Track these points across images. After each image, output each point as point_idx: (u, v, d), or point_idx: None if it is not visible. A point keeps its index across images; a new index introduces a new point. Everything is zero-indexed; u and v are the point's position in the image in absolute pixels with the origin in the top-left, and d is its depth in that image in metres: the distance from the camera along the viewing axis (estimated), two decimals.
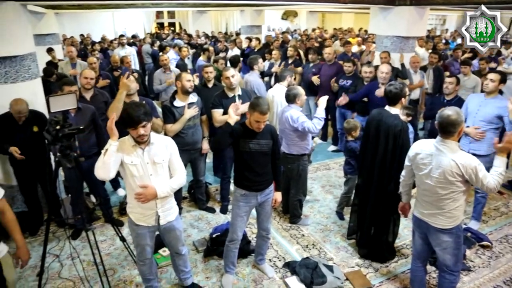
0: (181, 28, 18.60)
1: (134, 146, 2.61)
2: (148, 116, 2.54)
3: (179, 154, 2.81)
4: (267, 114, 2.89)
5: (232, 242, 3.28)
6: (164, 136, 2.82)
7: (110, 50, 9.78)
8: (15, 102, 3.74)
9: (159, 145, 2.68)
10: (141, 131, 2.51)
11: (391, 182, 3.34)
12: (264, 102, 2.92)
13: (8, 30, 3.84)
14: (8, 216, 2.51)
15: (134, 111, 2.47)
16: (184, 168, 2.83)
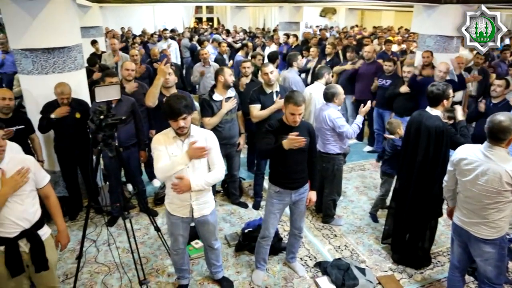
0: (219, 23, 18.75)
1: (174, 137, 2.66)
2: (189, 109, 2.58)
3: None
4: (301, 106, 2.84)
5: (264, 238, 3.27)
6: (205, 129, 2.84)
7: (150, 44, 9.99)
8: (58, 85, 3.90)
9: (199, 138, 2.70)
10: (181, 123, 2.55)
11: (433, 186, 3.22)
12: (299, 94, 2.89)
13: (57, 22, 3.99)
14: (52, 200, 2.62)
15: (176, 103, 2.51)
16: (223, 163, 2.83)
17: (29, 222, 2.39)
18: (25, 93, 4.33)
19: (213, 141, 2.78)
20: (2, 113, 3.70)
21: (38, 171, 2.48)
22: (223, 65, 6.92)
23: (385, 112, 5.95)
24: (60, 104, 3.95)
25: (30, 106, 4.30)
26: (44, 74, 4.11)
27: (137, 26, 15.33)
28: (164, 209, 4.47)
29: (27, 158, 2.47)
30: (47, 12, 3.89)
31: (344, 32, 13.67)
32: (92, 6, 9.27)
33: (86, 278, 3.44)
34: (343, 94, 3.91)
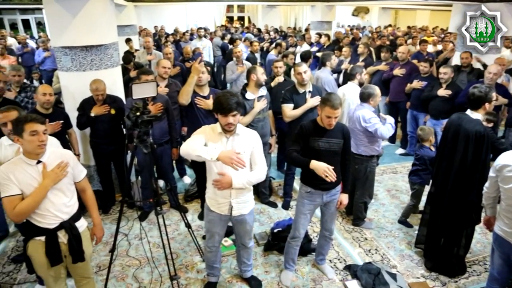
0: (250, 22, 18.80)
1: (220, 133, 2.67)
2: (239, 107, 2.59)
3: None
4: (338, 109, 2.81)
5: (294, 239, 3.25)
6: (251, 129, 2.84)
7: (183, 42, 10.13)
8: (93, 81, 4.01)
9: (243, 137, 2.72)
10: (230, 119, 2.57)
11: (471, 192, 3.10)
12: (336, 97, 2.85)
13: (96, 21, 4.10)
14: (88, 194, 2.70)
15: (228, 99, 2.54)
16: (265, 164, 2.82)
17: (67, 214, 2.46)
18: (64, 89, 4.48)
19: (257, 141, 2.78)
20: (43, 108, 3.83)
21: (76, 165, 2.55)
22: (255, 64, 6.94)
23: (419, 114, 5.78)
24: (96, 100, 4.06)
25: (68, 102, 4.44)
26: (81, 71, 4.23)
27: (170, 24, 15.58)
28: (193, 206, 4.59)
29: (66, 152, 2.55)
30: (86, 11, 4.01)
31: (377, 32, 13.39)
32: (128, 5, 9.51)
33: (118, 271, 3.52)
34: (379, 96, 3.84)
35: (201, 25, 14.29)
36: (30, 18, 17.56)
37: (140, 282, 3.39)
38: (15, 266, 3.66)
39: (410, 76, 5.93)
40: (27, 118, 2.26)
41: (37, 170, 2.32)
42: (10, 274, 3.54)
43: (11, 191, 2.27)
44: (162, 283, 3.34)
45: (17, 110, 2.89)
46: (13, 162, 2.35)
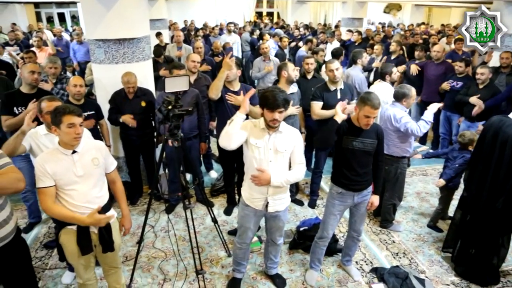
0: (279, 17, 18.68)
1: (262, 129, 2.66)
2: (287, 104, 2.57)
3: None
4: (378, 110, 2.76)
5: (321, 239, 3.20)
6: (293, 127, 2.82)
7: (212, 37, 10.16)
8: (124, 74, 4.06)
9: (286, 135, 2.69)
10: (276, 115, 2.55)
11: (509, 199, 2.96)
12: (376, 96, 2.79)
13: (130, 14, 4.15)
14: (118, 185, 2.74)
15: (277, 94, 2.52)
16: (305, 164, 2.79)
17: (98, 205, 2.50)
18: (96, 82, 4.56)
19: (299, 140, 2.76)
20: (74, 100, 3.90)
21: (107, 157, 2.58)
22: (283, 60, 6.88)
23: (453, 115, 5.59)
24: (127, 93, 4.11)
25: (100, 93, 4.53)
26: (114, 64, 4.29)
27: (199, 19, 15.68)
28: (219, 200, 4.60)
29: (99, 143, 2.59)
30: (120, 4, 4.06)
31: (409, 30, 13.03)
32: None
33: (144, 262, 3.57)
34: (414, 98, 3.72)
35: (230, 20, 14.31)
36: (65, 12, 18.09)
37: (165, 274, 3.43)
38: (47, 251, 3.77)
39: (445, 75, 5.73)
40: (66, 110, 2.30)
41: (72, 160, 2.37)
42: (42, 259, 3.65)
43: (45, 183, 2.33)
44: (187, 277, 3.37)
45: (60, 101, 2.94)
46: (49, 152, 2.40)
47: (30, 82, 3.75)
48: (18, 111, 3.68)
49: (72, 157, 2.37)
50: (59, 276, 3.42)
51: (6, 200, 2.34)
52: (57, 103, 2.83)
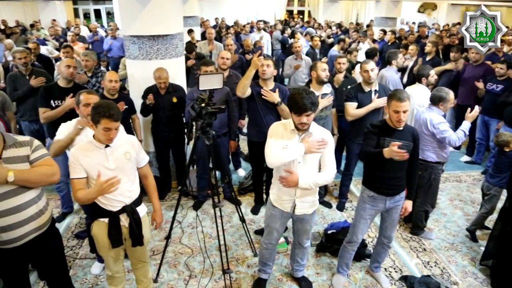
0: (310, 16, 18.51)
1: (292, 130, 2.62)
2: (314, 106, 2.51)
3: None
4: (405, 102, 2.66)
5: (350, 243, 3.13)
6: (323, 128, 2.77)
7: (243, 34, 10.17)
8: (156, 69, 4.10)
9: (316, 136, 2.64)
10: (304, 119, 2.50)
11: None
12: (402, 91, 2.72)
13: (164, 11, 4.17)
14: (149, 180, 2.76)
15: (302, 98, 2.45)
16: (335, 166, 2.73)
17: (130, 198, 2.53)
18: (130, 77, 4.63)
19: (329, 142, 2.69)
20: (108, 94, 3.98)
21: (139, 152, 2.61)
22: (315, 59, 6.79)
23: (491, 120, 5.35)
24: (158, 88, 4.15)
25: (133, 88, 4.59)
26: (147, 60, 4.34)
27: (230, 17, 15.73)
28: (247, 199, 4.58)
29: (132, 138, 2.61)
30: (156, 1, 4.09)
31: (445, 30, 12.61)
32: None
33: (171, 257, 3.60)
34: (452, 102, 3.58)
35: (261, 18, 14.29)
36: (101, 8, 18.60)
37: (191, 270, 3.44)
38: (77, 241, 3.86)
39: (484, 78, 5.50)
40: (105, 113, 2.28)
41: (104, 153, 2.41)
42: (73, 249, 3.74)
43: (77, 174, 2.39)
44: (213, 274, 3.37)
45: (97, 94, 2.99)
46: (83, 145, 2.45)
47: (66, 76, 3.84)
48: (54, 104, 3.78)
49: (105, 150, 2.41)
50: (88, 266, 3.50)
51: (42, 191, 2.40)
52: (94, 97, 2.88)
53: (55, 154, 2.82)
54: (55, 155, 2.79)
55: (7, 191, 2.15)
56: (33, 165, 2.27)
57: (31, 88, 4.46)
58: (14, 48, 5.92)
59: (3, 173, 2.09)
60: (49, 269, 2.57)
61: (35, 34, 10.56)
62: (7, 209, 2.16)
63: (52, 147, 2.87)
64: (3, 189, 2.13)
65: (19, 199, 2.20)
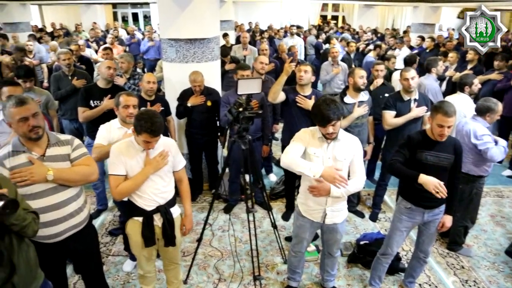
0: (344, 21, 18.31)
1: (320, 138, 2.58)
2: (339, 114, 2.47)
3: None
4: (452, 118, 2.55)
5: (384, 256, 3.03)
6: (352, 135, 2.72)
7: (277, 39, 10.16)
8: (192, 73, 4.14)
9: (345, 143, 2.60)
10: (330, 129, 2.46)
11: None
12: (450, 104, 2.59)
13: (202, 15, 4.22)
14: (184, 184, 2.78)
15: (325, 109, 2.41)
16: (364, 173, 2.68)
17: (164, 199, 2.56)
18: (166, 79, 4.70)
19: (359, 149, 2.64)
20: (146, 95, 4.05)
21: (176, 155, 2.63)
22: (350, 65, 6.69)
23: None
24: (194, 91, 4.19)
25: (169, 91, 4.66)
26: (184, 63, 4.40)
27: (264, 21, 15.79)
28: (278, 205, 4.55)
29: (170, 141, 2.64)
30: (194, 5, 4.14)
31: None
32: (227, 0, 9.80)
33: (200, 259, 3.61)
34: (499, 114, 3.42)
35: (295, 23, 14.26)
36: (138, 12, 19.19)
37: (220, 274, 3.44)
38: (111, 238, 3.95)
39: None
40: (147, 128, 2.29)
41: (143, 155, 2.45)
42: (106, 245, 3.82)
43: (117, 171, 2.44)
44: (242, 279, 3.35)
45: (135, 97, 3.04)
46: (124, 144, 2.50)
47: (106, 77, 3.95)
48: (93, 104, 3.89)
49: (144, 153, 2.44)
50: (120, 263, 3.57)
51: (81, 189, 2.47)
52: (133, 99, 2.94)
53: (98, 159, 2.85)
54: (98, 160, 2.83)
55: (47, 189, 2.22)
56: (73, 164, 2.34)
57: (73, 88, 4.63)
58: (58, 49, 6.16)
59: (43, 171, 2.16)
60: (85, 264, 2.64)
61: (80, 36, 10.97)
62: (47, 206, 2.23)
63: (95, 151, 2.90)
64: (44, 187, 2.21)
65: (59, 196, 2.27)
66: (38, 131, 2.19)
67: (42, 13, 16.80)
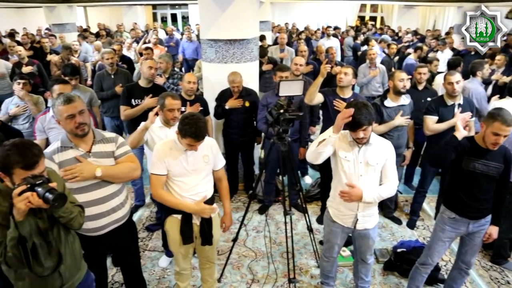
0: (382, 23, 17.91)
1: (351, 142, 2.55)
2: (370, 119, 2.42)
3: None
4: (511, 127, 2.41)
5: (424, 265, 2.93)
6: (384, 139, 2.66)
7: (314, 40, 10.08)
8: (231, 73, 4.17)
9: (377, 147, 2.55)
10: (361, 134, 2.43)
11: None
12: (508, 112, 2.45)
13: (242, 16, 4.25)
14: (223, 183, 2.81)
15: (356, 113, 2.37)
16: (397, 178, 2.62)
17: (203, 198, 2.59)
18: (205, 79, 4.77)
19: (391, 153, 2.58)
20: (186, 95, 4.12)
21: (217, 154, 2.66)
22: (390, 68, 6.53)
23: None
24: (232, 92, 4.22)
25: (207, 91, 4.72)
26: (223, 63, 4.44)
27: (301, 22, 15.70)
28: (312, 207, 4.51)
29: (211, 141, 2.67)
30: (235, 6, 4.17)
31: None
32: (265, 1, 9.82)
33: (234, 259, 3.63)
34: None
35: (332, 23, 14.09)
36: (177, 13, 19.61)
37: (254, 274, 3.45)
38: (147, 234, 4.05)
39: None
40: (192, 133, 2.34)
41: (185, 154, 2.49)
42: (143, 240, 3.92)
43: (159, 171, 2.49)
44: (276, 281, 3.35)
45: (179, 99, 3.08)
46: (167, 143, 2.55)
47: (148, 77, 4.05)
48: (135, 103, 4.00)
49: (185, 152, 2.49)
50: (156, 259, 3.65)
51: (123, 185, 2.55)
52: (178, 102, 3.00)
53: (132, 144, 2.95)
54: (132, 145, 2.92)
55: (92, 184, 2.31)
56: (117, 161, 2.42)
57: (114, 94, 4.77)
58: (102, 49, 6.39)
59: (93, 168, 2.25)
60: (124, 258, 2.72)
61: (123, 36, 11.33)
62: (92, 200, 2.32)
63: (129, 138, 3.04)
64: (89, 182, 2.30)
65: (102, 191, 2.36)
66: (84, 128, 2.28)
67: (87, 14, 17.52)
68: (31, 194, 1.71)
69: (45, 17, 10.70)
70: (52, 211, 1.89)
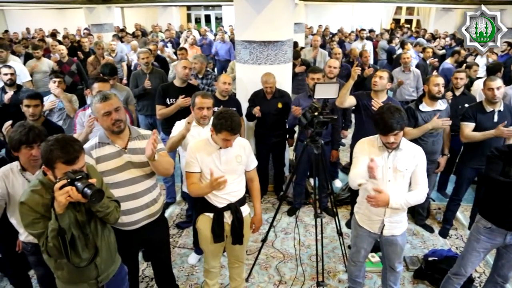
0: (418, 26, 17.47)
1: (381, 147, 2.52)
2: (402, 123, 2.38)
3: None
4: None
5: (457, 276, 2.85)
6: (415, 144, 2.61)
7: (347, 43, 9.98)
8: (264, 74, 4.21)
9: (407, 153, 2.51)
10: (391, 139, 2.39)
11: None
12: None
13: (277, 18, 4.26)
14: (255, 184, 2.84)
15: (388, 117, 2.34)
16: (427, 185, 2.56)
17: (235, 197, 2.63)
18: (238, 80, 4.81)
19: (422, 159, 2.54)
20: (220, 95, 4.19)
21: (249, 155, 2.69)
22: (426, 72, 6.38)
23: None
24: (265, 93, 4.25)
25: (241, 92, 4.76)
26: (257, 65, 4.47)
27: (334, 24, 15.55)
28: (342, 211, 4.47)
29: (244, 141, 2.71)
30: (270, 8, 4.18)
31: None
32: (299, 3, 9.79)
33: (262, 260, 3.65)
34: None
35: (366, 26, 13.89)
36: (211, 14, 19.91)
37: (281, 276, 3.46)
38: (178, 231, 4.14)
39: None
40: (227, 127, 2.37)
41: (218, 154, 2.53)
42: (173, 237, 4.01)
43: (193, 169, 2.55)
44: (303, 284, 3.34)
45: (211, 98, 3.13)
46: (201, 142, 2.61)
47: (182, 77, 4.15)
48: (169, 102, 4.10)
49: (219, 151, 2.53)
50: (186, 256, 3.72)
51: (156, 182, 2.63)
52: (208, 101, 3.04)
53: (170, 149, 3.04)
54: (170, 150, 3.01)
55: (127, 179, 2.40)
56: None
57: (143, 89, 4.91)
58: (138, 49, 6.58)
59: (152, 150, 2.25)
60: (156, 253, 2.80)
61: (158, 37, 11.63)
62: (126, 195, 2.41)
63: (167, 142, 3.12)
64: (124, 177, 2.39)
65: (136, 187, 2.45)
66: (120, 124, 2.36)
67: (124, 15, 18.05)
68: (71, 188, 1.78)
69: (85, 17, 11.10)
70: (90, 206, 1.98)
